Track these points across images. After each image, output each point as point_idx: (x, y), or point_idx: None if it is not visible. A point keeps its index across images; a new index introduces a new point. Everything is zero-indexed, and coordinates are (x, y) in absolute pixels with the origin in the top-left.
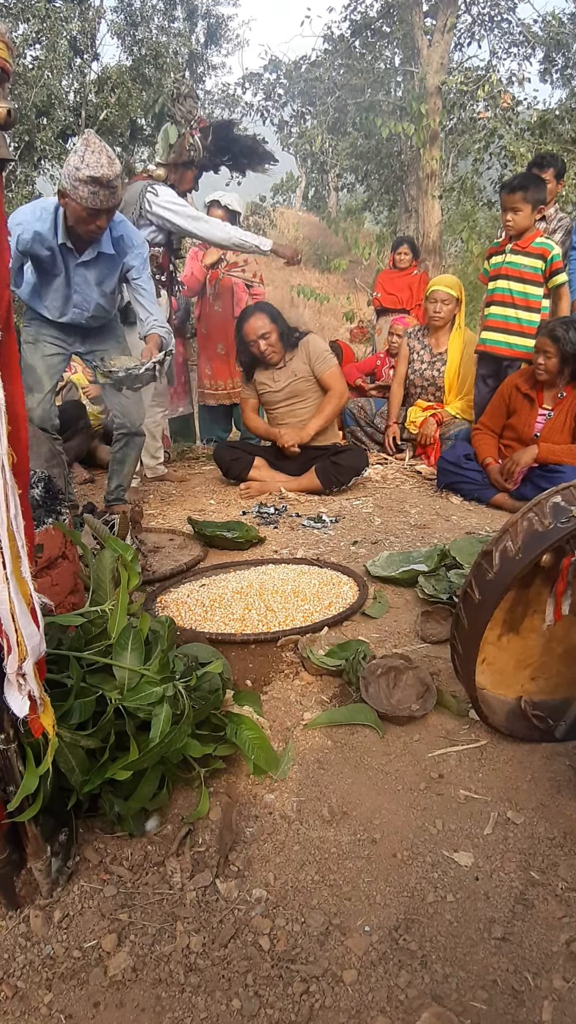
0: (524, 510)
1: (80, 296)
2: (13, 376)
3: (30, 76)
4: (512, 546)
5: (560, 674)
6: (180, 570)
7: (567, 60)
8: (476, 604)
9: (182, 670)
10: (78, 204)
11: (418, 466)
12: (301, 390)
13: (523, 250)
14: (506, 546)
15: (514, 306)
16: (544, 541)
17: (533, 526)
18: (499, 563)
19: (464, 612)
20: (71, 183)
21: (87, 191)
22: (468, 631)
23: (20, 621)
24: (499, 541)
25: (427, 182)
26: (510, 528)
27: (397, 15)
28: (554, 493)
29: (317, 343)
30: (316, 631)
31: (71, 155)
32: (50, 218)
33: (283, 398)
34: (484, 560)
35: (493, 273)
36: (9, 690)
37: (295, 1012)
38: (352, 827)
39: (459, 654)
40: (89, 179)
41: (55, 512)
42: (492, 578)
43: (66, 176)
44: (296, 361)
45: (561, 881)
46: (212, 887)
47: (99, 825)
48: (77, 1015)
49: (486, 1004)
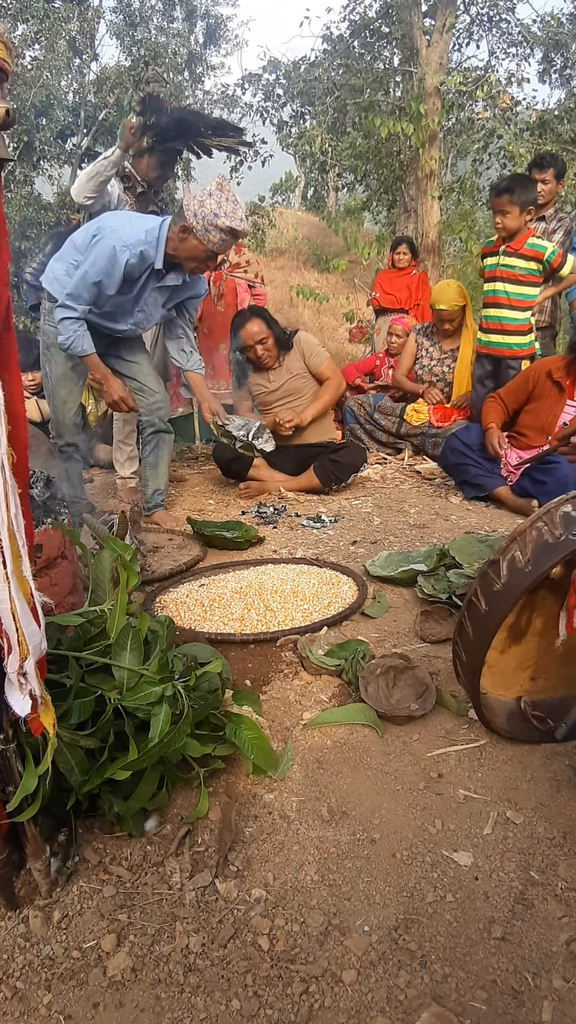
0: (533, 518)
1: (144, 314)
2: (13, 376)
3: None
4: (521, 557)
5: (559, 674)
6: (179, 570)
7: (566, 60)
8: (482, 615)
9: (181, 670)
10: (203, 245)
11: (418, 466)
12: (297, 387)
13: (516, 252)
14: (514, 556)
15: (510, 307)
16: (556, 553)
17: (543, 536)
18: (507, 574)
19: (469, 621)
20: (204, 225)
21: (219, 237)
22: (474, 641)
23: (21, 620)
24: (507, 551)
25: (426, 182)
26: (518, 537)
27: (396, 15)
28: (564, 502)
29: (308, 338)
30: (315, 631)
31: (206, 198)
32: (155, 242)
33: (279, 397)
34: (491, 570)
35: (488, 275)
36: (10, 689)
37: (294, 1012)
38: (351, 827)
39: (463, 662)
40: (227, 229)
41: (54, 512)
42: (500, 589)
43: (199, 217)
44: (290, 359)
45: (561, 881)
46: (211, 887)
47: (98, 825)
48: (76, 1015)
49: (486, 1004)
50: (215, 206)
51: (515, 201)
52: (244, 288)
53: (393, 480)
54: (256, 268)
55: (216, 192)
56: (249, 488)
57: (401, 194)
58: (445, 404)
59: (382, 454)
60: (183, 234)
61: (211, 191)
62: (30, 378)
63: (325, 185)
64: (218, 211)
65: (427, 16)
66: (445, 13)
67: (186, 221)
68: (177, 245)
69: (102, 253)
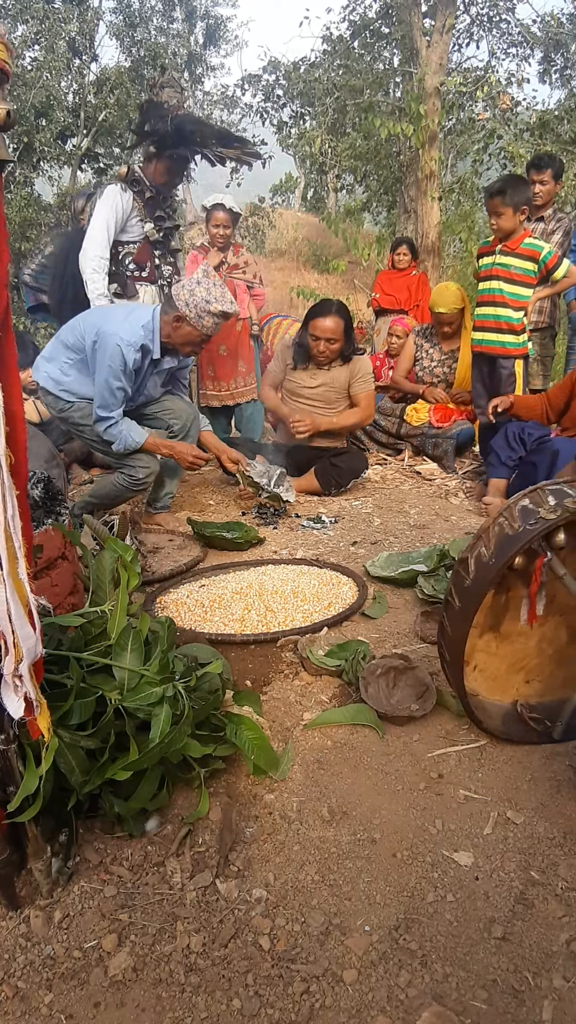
0: (496, 515)
1: (144, 396)
2: (11, 377)
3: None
4: (486, 551)
5: (553, 675)
6: (180, 571)
7: (566, 60)
8: (457, 611)
9: (182, 670)
10: (198, 331)
11: (418, 467)
12: (330, 399)
13: (513, 251)
14: (480, 552)
15: (505, 306)
16: (515, 544)
17: (504, 530)
18: (475, 569)
19: (447, 619)
20: (197, 313)
21: (212, 322)
22: (452, 637)
23: (16, 623)
24: (474, 547)
25: (426, 183)
26: (483, 534)
27: (396, 16)
28: (523, 496)
29: (365, 364)
30: (316, 631)
31: (195, 287)
32: (151, 335)
33: (309, 397)
34: (461, 567)
35: (484, 274)
36: (6, 691)
37: (295, 1012)
38: (352, 827)
39: (447, 660)
40: (220, 313)
41: (54, 513)
42: (469, 584)
43: (191, 306)
44: (339, 371)
45: (561, 881)
46: (212, 887)
47: (99, 825)
48: (78, 1015)
49: (486, 1004)
50: (205, 293)
51: (508, 202)
52: (243, 289)
53: (393, 481)
54: (255, 269)
55: (204, 280)
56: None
57: (401, 195)
58: (448, 404)
59: (382, 455)
60: (177, 323)
61: (199, 279)
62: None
63: (325, 186)
64: (209, 298)
65: (427, 17)
66: (445, 14)
67: (178, 311)
68: (172, 333)
69: (112, 357)
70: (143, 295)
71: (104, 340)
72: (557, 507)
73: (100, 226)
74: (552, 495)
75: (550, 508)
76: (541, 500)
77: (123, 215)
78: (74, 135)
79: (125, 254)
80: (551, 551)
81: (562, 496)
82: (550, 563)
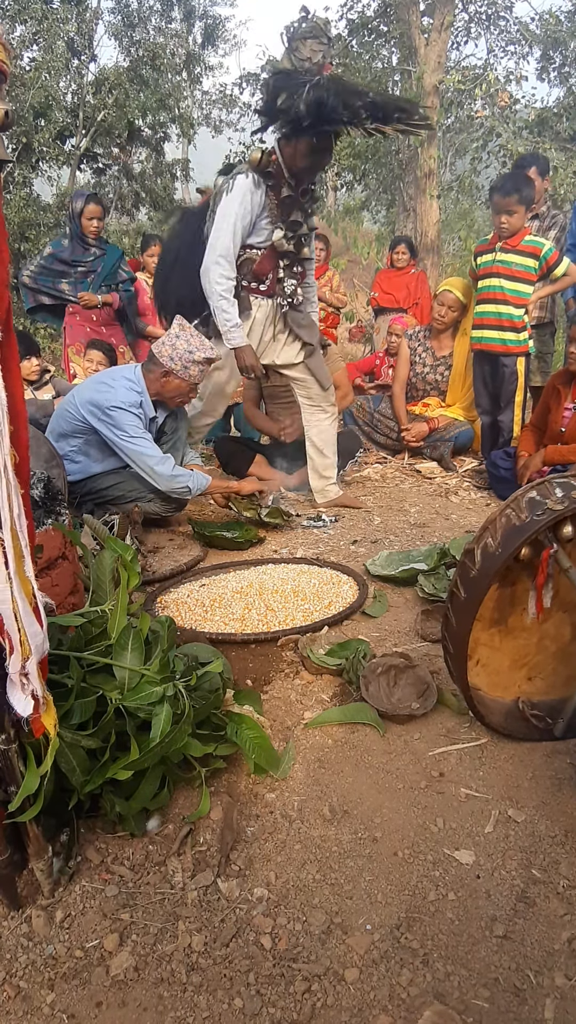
0: (503, 506)
1: None
2: (14, 377)
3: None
4: (492, 542)
5: (556, 672)
6: (180, 570)
7: (564, 58)
8: (462, 602)
9: (182, 670)
10: (186, 382)
11: (418, 465)
12: None
13: (514, 248)
14: (487, 543)
15: (506, 303)
16: (521, 534)
17: (511, 521)
18: (481, 559)
19: (452, 611)
20: (183, 364)
21: (198, 370)
22: (456, 629)
23: (24, 620)
24: (480, 538)
25: (425, 181)
26: (490, 525)
27: (394, 14)
28: (531, 488)
29: (333, 349)
30: (316, 630)
31: (176, 340)
32: (144, 392)
33: (287, 392)
34: (467, 558)
35: (483, 272)
36: (12, 689)
37: (297, 1011)
38: (353, 826)
39: (450, 653)
40: (204, 360)
41: (54, 513)
42: (475, 575)
43: (176, 359)
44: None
45: (562, 879)
46: (213, 886)
47: (100, 825)
48: (79, 1015)
49: (488, 1002)
50: (187, 345)
51: (522, 200)
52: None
53: (393, 479)
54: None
55: (182, 333)
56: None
57: (400, 193)
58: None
59: (382, 454)
60: (164, 378)
61: (177, 333)
62: (36, 363)
63: (324, 184)
64: (191, 348)
65: (425, 15)
66: (443, 11)
67: (163, 367)
68: (160, 389)
69: (130, 423)
70: (255, 310)
71: (113, 410)
72: (564, 499)
73: (227, 231)
74: (559, 487)
75: (557, 499)
76: (548, 492)
77: (253, 217)
78: (73, 135)
79: (245, 260)
80: (558, 543)
81: (569, 488)
82: (556, 555)
